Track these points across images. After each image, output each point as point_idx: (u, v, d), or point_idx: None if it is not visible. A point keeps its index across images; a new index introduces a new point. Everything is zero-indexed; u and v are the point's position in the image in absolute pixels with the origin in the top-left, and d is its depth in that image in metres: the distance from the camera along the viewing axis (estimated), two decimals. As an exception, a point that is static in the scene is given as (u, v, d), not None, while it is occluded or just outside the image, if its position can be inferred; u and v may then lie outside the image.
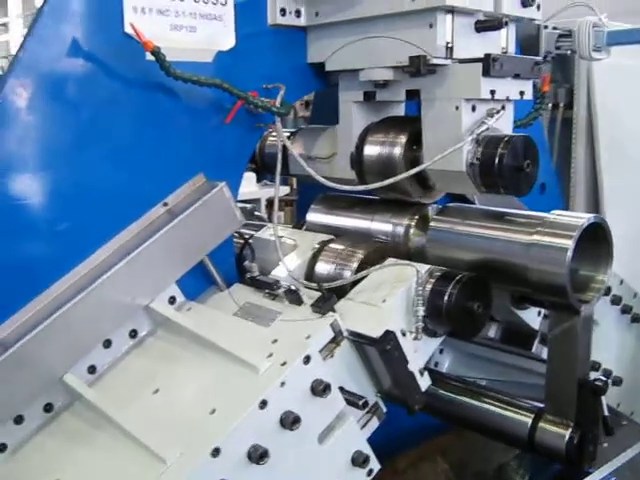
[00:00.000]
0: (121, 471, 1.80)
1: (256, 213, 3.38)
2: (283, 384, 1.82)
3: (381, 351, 1.98)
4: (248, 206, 3.41)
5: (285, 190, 9.05)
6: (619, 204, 4.89)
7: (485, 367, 3.04)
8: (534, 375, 2.82)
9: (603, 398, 2.23)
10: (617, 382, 3.07)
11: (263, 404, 1.78)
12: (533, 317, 2.69)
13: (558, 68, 4.89)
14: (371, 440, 2.11)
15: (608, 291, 2.90)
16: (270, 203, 8.56)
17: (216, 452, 1.70)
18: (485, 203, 2.77)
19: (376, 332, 1.98)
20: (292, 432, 1.82)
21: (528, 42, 3.71)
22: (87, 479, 1.85)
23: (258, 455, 1.75)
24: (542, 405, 2.28)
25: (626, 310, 3.04)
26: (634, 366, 3.15)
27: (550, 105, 5.04)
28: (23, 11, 25.33)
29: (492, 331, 2.93)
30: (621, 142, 4.85)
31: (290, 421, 1.81)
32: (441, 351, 3.13)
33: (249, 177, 9.13)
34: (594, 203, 4.91)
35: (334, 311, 2.04)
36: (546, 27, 3.69)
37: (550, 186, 3.61)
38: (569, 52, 3.70)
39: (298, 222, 3.03)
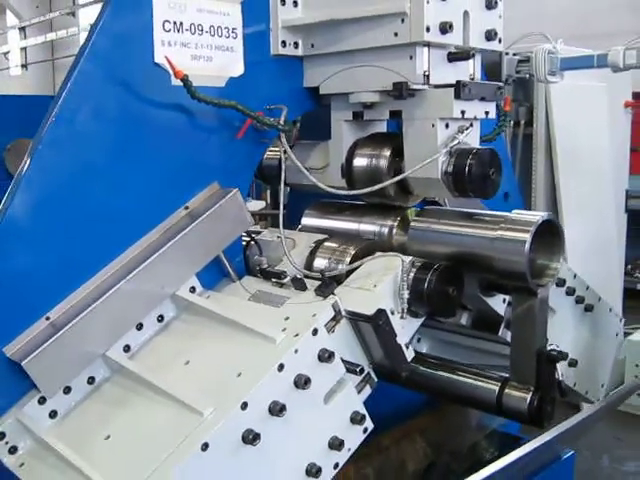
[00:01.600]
0: (162, 424, 2.16)
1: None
2: (297, 351, 2.21)
3: (374, 326, 2.38)
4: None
5: (260, 205, 9.46)
6: (575, 209, 5.36)
7: (458, 352, 3.43)
8: (500, 357, 3.22)
9: (558, 365, 2.65)
10: (573, 364, 3.47)
11: (280, 367, 2.17)
12: (499, 304, 3.10)
13: (520, 89, 5.38)
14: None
15: (563, 283, 3.32)
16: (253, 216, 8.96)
17: (244, 405, 2.08)
18: (454, 206, 3.18)
19: (370, 310, 2.38)
20: (304, 391, 2.20)
21: (492, 67, 4.16)
22: (132, 433, 2.21)
23: (278, 409, 2.13)
24: (507, 375, 2.69)
25: (579, 300, 3.45)
26: (588, 350, 3.57)
27: (512, 122, 5.51)
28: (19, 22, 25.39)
29: (464, 318, 3.34)
30: (576, 155, 5.32)
31: (302, 382, 2.19)
32: (419, 340, 3.53)
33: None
34: (553, 209, 5.36)
35: (334, 294, 2.45)
36: (507, 54, 4.15)
37: (513, 195, 4.01)
38: (527, 76, 4.16)
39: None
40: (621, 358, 5.61)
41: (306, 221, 3.22)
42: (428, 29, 2.49)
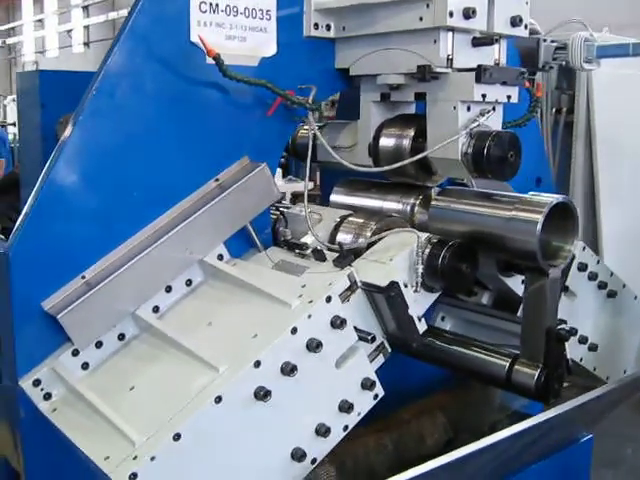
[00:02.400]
0: (182, 378, 2.33)
1: (283, 202, 3.92)
2: (310, 316, 2.34)
3: (387, 297, 2.50)
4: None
5: (310, 186, 9.60)
6: (613, 199, 5.36)
7: (480, 331, 3.52)
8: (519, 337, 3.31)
9: (566, 344, 2.73)
10: (593, 348, 3.54)
11: (294, 331, 2.31)
12: (518, 285, 3.18)
13: (563, 77, 5.39)
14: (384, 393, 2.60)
15: (585, 267, 3.39)
16: (294, 196, 9.12)
17: (257, 364, 2.23)
18: (481, 188, 3.26)
19: (383, 282, 2.50)
20: (315, 354, 2.34)
21: (529, 54, 4.20)
22: (156, 386, 2.39)
23: (289, 369, 2.27)
24: (518, 352, 2.79)
25: (602, 286, 3.51)
26: (609, 335, 3.62)
27: (554, 110, 5.53)
28: (58, 8, 26.08)
29: (485, 298, 3.44)
30: (616, 144, 5.31)
31: (314, 345, 2.33)
32: (443, 318, 3.63)
33: (276, 173, 9.74)
34: (591, 198, 5.37)
35: (351, 266, 2.57)
36: (545, 40, 4.19)
37: (545, 180, 4.07)
38: (564, 63, 4.20)
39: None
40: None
41: (334, 198, 3.35)
42: (451, 14, 2.58)
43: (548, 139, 5.54)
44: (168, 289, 2.71)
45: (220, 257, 2.79)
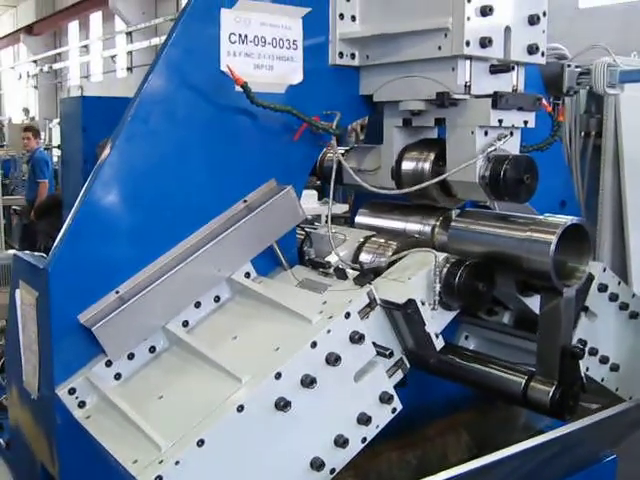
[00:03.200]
0: (207, 388, 2.45)
1: (316, 223, 4.06)
2: (329, 331, 2.46)
3: (404, 314, 2.61)
4: (309, 217, 4.10)
5: (344, 208, 9.74)
6: (641, 221, 5.36)
7: (503, 351, 3.58)
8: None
9: (580, 362, 2.80)
10: (615, 368, 3.57)
11: (314, 345, 2.42)
12: (537, 304, 3.24)
13: (592, 100, 5.44)
14: (406, 408, 2.66)
15: (605, 288, 3.44)
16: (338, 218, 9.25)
17: (278, 375, 2.34)
18: (503, 210, 3.34)
19: (401, 300, 2.61)
20: (334, 368, 2.44)
21: (554, 79, 4.30)
22: (182, 396, 2.52)
23: (309, 381, 2.38)
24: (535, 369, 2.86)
25: (623, 307, 3.55)
26: (631, 355, 3.65)
27: (583, 133, 5.58)
28: (103, 34, 26.77)
29: (506, 318, 3.51)
30: (644, 167, 5.32)
31: (333, 359, 2.43)
32: (467, 337, 3.71)
33: (312, 194, 9.90)
34: (619, 221, 5.40)
35: (370, 284, 2.68)
36: (569, 66, 4.28)
37: (570, 203, 4.12)
38: (587, 88, 4.28)
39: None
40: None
41: (359, 219, 3.47)
42: (468, 43, 2.70)
43: (577, 162, 5.58)
44: (197, 305, 2.84)
45: (247, 275, 2.92)
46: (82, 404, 2.64)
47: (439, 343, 2.72)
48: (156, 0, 24.10)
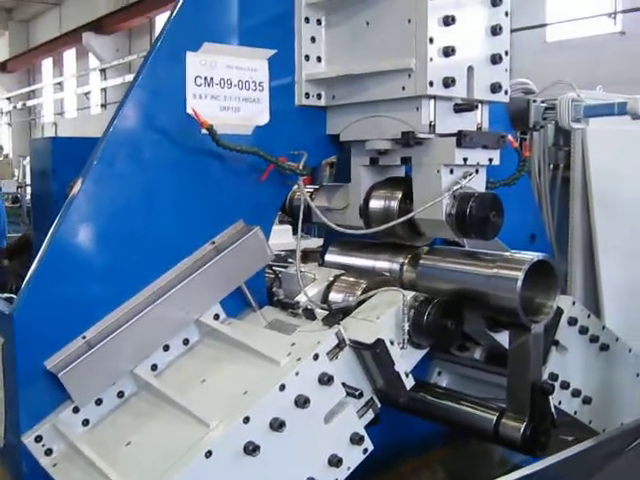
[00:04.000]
0: (176, 434, 2.43)
1: (289, 260, 4.05)
2: (297, 373, 2.44)
3: (373, 354, 2.60)
4: (283, 253, 4.11)
5: (320, 242, 9.72)
6: (612, 254, 5.41)
7: (476, 386, 3.59)
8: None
9: (550, 398, 2.80)
10: (587, 401, 3.58)
11: (282, 387, 2.41)
12: (507, 339, 3.26)
13: (560, 133, 5.50)
14: (381, 447, 2.67)
15: (575, 322, 3.46)
16: (304, 253, 9.24)
17: (246, 420, 2.32)
18: (473, 246, 3.36)
19: (369, 340, 2.60)
20: (304, 410, 2.43)
21: (520, 114, 4.34)
22: (150, 442, 2.49)
23: (277, 424, 2.36)
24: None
25: (593, 339, 3.58)
26: (603, 388, 3.66)
27: (552, 166, 5.63)
28: (77, 71, 26.81)
29: (477, 353, 3.52)
30: (612, 198, 5.38)
31: (302, 401, 2.42)
32: (439, 373, 3.71)
33: (286, 229, 9.90)
34: (590, 253, 5.42)
35: (339, 324, 2.68)
36: (535, 101, 4.33)
37: (539, 236, 4.16)
38: (553, 122, 4.34)
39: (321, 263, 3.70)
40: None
41: (329, 257, 3.48)
42: (431, 84, 2.73)
43: (546, 195, 5.62)
44: (166, 348, 2.82)
45: (216, 317, 2.90)
46: (49, 452, 2.60)
47: (409, 382, 2.71)
48: (130, 37, 24.25)
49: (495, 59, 2.90)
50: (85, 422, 2.67)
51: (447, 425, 3.15)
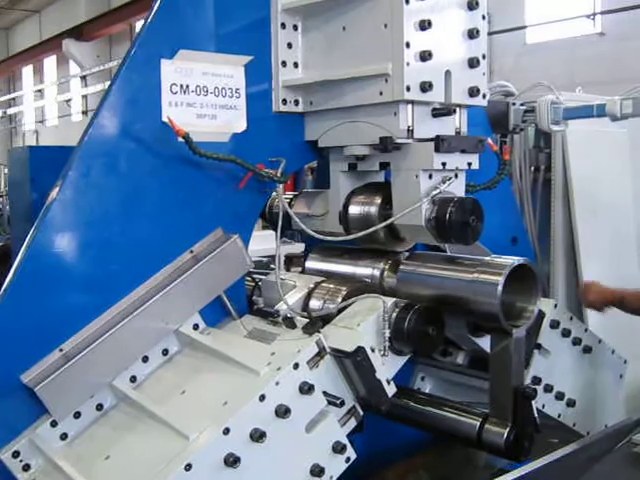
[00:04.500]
0: (155, 447, 2.39)
1: (271, 266, 4.01)
2: (277, 383, 2.41)
3: (353, 362, 2.58)
4: (265, 260, 4.07)
5: (302, 247, 9.69)
6: (593, 255, 5.43)
7: (459, 391, 3.58)
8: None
9: (533, 402, 2.79)
10: (571, 404, 3.58)
11: (262, 398, 2.38)
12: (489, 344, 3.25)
13: (540, 135, 5.51)
14: (365, 454, 2.65)
15: (557, 325, 3.46)
16: (288, 258, 9.22)
17: (226, 431, 2.29)
18: (455, 250, 3.34)
19: (350, 347, 2.58)
20: (284, 420, 2.40)
21: (499, 117, 4.35)
22: (129, 455, 2.45)
23: (258, 435, 2.33)
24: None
25: (576, 342, 3.57)
26: (587, 390, 3.66)
27: (533, 168, 5.64)
28: (57, 78, 26.66)
29: (460, 358, 3.51)
30: (595, 201, 5.40)
31: (282, 411, 2.39)
32: (423, 378, 3.69)
33: (270, 235, 9.86)
34: (572, 254, 5.44)
35: (319, 332, 2.65)
36: (514, 104, 4.34)
37: (521, 239, 4.16)
38: (533, 125, 4.34)
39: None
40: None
41: (309, 264, 3.45)
42: (408, 88, 2.71)
43: (528, 197, 5.63)
44: (145, 359, 2.79)
45: (196, 326, 2.87)
46: (27, 467, 2.55)
47: (391, 389, 2.69)
48: (110, 43, 24.13)
49: (473, 63, 2.89)
50: (63, 436, 2.63)
51: (431, 431, 3.14)
